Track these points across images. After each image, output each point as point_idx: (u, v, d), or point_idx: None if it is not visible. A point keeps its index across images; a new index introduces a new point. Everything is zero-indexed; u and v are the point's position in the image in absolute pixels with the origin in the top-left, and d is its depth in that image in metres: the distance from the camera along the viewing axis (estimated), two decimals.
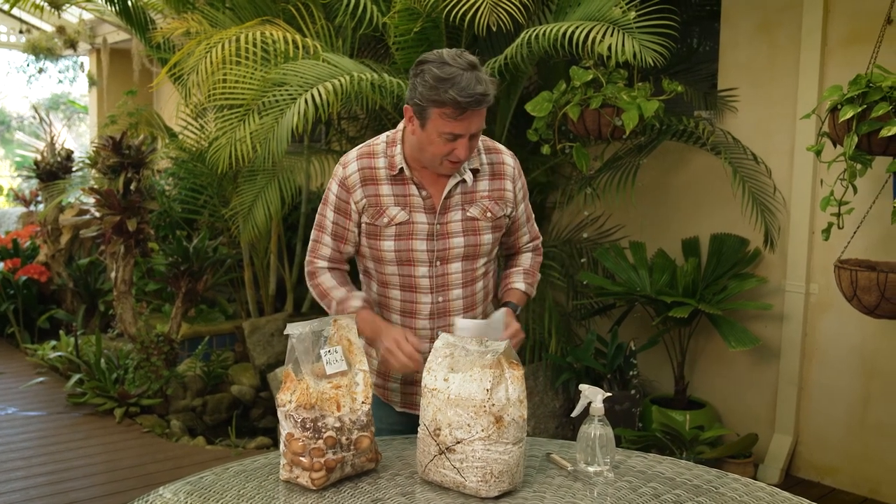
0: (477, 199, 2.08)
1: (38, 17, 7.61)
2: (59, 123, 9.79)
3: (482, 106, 1.88)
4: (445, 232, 2.06)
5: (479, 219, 2.08)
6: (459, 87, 1.84)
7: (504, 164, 2.13)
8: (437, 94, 1.86)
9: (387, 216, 2.04)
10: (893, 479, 3.86)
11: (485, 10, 3.38)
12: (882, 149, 3.06)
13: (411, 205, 2.04)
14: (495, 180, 2.11)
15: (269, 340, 5.53)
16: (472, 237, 2.08)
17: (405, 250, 2.05)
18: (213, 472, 1.81)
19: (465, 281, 2.11)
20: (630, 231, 4.68)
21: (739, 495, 1.74)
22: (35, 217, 7.53)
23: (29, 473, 4.05)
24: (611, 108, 3.65)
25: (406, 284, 2.09)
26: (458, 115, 1.87)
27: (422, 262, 2.06)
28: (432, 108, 1.89)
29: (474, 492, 1.69)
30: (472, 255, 2.10)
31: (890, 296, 3.14)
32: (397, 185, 2.05)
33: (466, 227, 2.07)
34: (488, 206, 2.08)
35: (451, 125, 1.89)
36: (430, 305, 2.10)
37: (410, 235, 2.05)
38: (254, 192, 4.67)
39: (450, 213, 2.06)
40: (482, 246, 2.10)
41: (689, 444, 3.91)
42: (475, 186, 2.08)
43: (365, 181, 2.04)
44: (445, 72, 1.86)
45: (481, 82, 1.87)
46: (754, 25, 4.21)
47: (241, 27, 3.94)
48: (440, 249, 2.06)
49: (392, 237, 2.05)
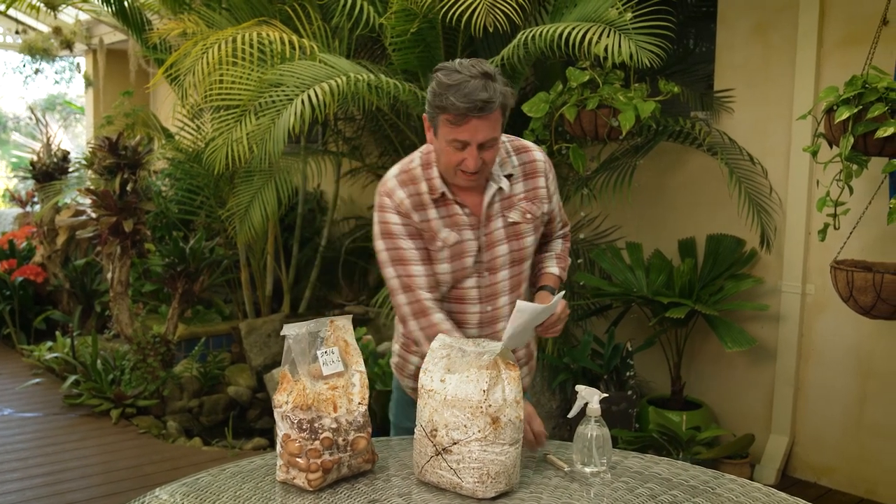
0: (515, 202, 2.06)
1: (35, 17, 7.60)
2: (56, 124, 9.77)
3: (484, 113, 1.84)
4: (490, 242, 2.05)
5: (519, 222, 2.06)
6: (461, 92, 1.82)
7: (535, 161, 2.11)
8: (440, 100, 1.85)
9: (440, 240, 2.02)
10: (890, 480, 3.86)
11: (481, 10, 3.38)
12: (878, 149, 3.06)
13: (458, 224, 2.03)
14: (528, 180, 2.09)
15: (265, 341, 5.53)
16: (516, 242, 2.07)
17: (459, 269, 2.05)
18: (210, 473, 1.81)
19: (511, 287, 2.11)
20: (627, 232, 4.68)
21: (736, 496, 1.74)
22: (31, 218, 7.52)
23: (25, 475, 4.05)
24: (607, 109, 3.65)
25: (455, 297, 2.09)
26: (459, 121, 1.85)
27: (470, 275, 2.06)
28: (439, 115, 1.89)
29: (471, 493, 1.69)
30: (518, 259, 2.09)
31: (886, 296, 3.14)
32: (442, 208, 2.02)
33: (509, 233, 2.06)
34: (526, 207, 2.07)
35: (454, 131, 1.87)
36: (478, 315, 2.10)
37: (462, 255, 2.04)
38: (250, 193, 4.67)
39: (492, 222, 2.05)
40: (525, 249, 2.10)
41: (685, 444, 3.91)
42: (512, 190, 2.06)
43: (416, 207, 2.01)
44: (452, 78, 1.85)
45: (488, 90, 1.83)
46: (751, 26, 4.22)
47: (237, 28, 3.94)
48: (488, 261, 2.06)
49: (447, 259, 2.03)
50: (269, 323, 5.60)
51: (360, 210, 6.45)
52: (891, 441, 3.85)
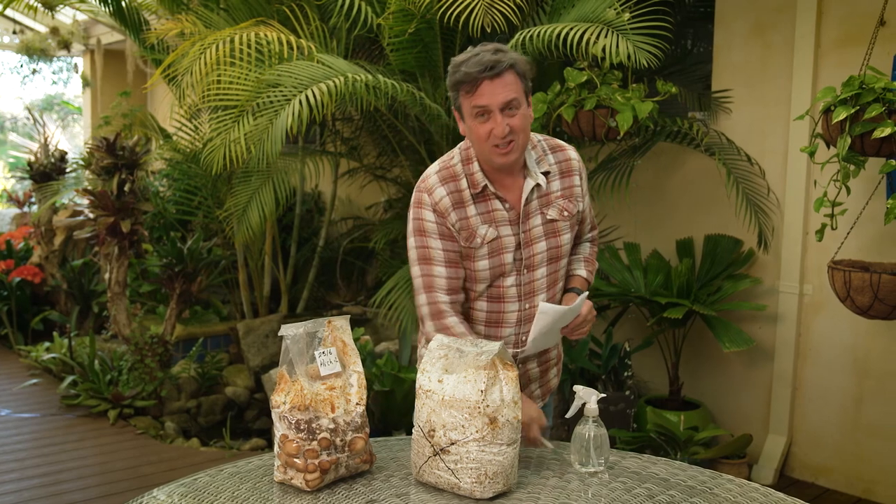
0: (552, 200, 2.08)
1: (32, 17, 7.59)
2: (53, 124, 9.78)
3: (495, 72, 1.89)
4: (529, 239, 2.06)
5: (557, 220, 2.08)
6: (471, 62, 1.90)
7: (570, 160, 2.13)
8: (455, 76, 1.93)
9: (479, 237, 2.03)
10: (887, 479, 3.87)
11: (479, 11, 3.39)
12: (875, 150, 3.07)
13: (496, 220, 2.04)
14: (565, 178, 2.11)
15: (263, 342, 5.52)
16: (554, 239, 2.09)
17: (498, 266, 2.05)
18: (208, 473, 1.81)
19: (549, 284, 2.12)
20: (624, 232, 4.68)
21: (734, 496, 1.74)
22: (29, 218, 7.52)
23: (22, 475, 4.04)
24: (605, 110, 3.65)
25: (494, 296, 2.09)
26: (474, 87, 1.90)
27: (510, 273, 2.07)
28: (459, 94, 1.95)
29: (469, 493, 1.69)
30: (555, 257, 2.11)
31: (883, 296, 3.15)
32: (481, 203, 2.03)
33: (547, 231, 2.08)
34: (563, 205, 2.09)
35: (472, 99, 1.92)
36: (517, 313, 2.10)
37: (501, 251, 2.05)
38: (248, 194, 4.67)
39: (531, 219, 2.06)
40: (563, 247, 2.11)
41: (683, 444, 3.91)
42: (549, 188, 2.08)
43: (455, 205, 2.02)
44: (463, 56, 1.94)
45: (496, 54, 1.90)
46: (748, 27, 4.22)
47: (235, 28, 3.94)
48: (527, 258, 2.07)
49: (486, 256, 2.04)
50: (266, 323, 5.60)
51: (359, 210, 6.45)
52: (888, 441, 3.85)
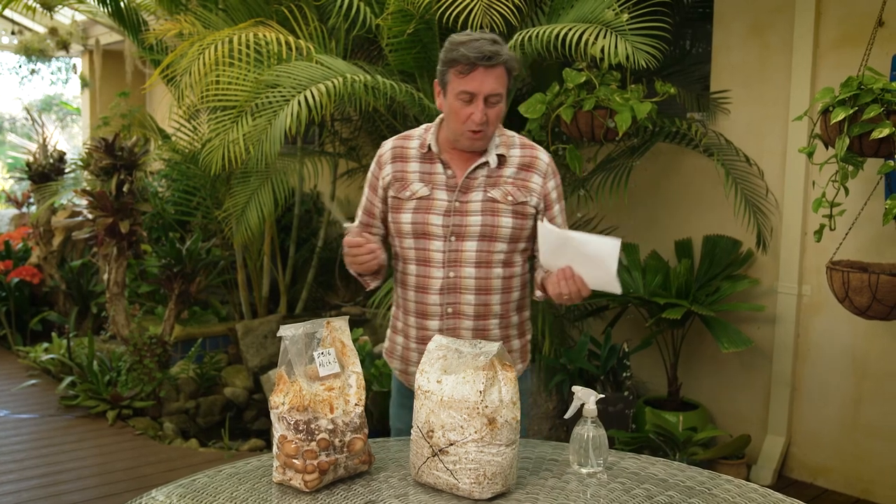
0: (500, 183, 2.15)
1: (31, 18, 7.58)
2: (52, 125, 9.76)
3: (492, 63, 1.99)
4: (464, 210, 2.13)
5: (499, 201, 2.13)
6: (471, 46, 1.99)
7: (536, 159, 2.20)
8: (452, 54, 2.02)
9: (409, 190, 2.16)
10: (886, 480, 3.87)
11: (478, 11, 3.39)
12: (873, 150, 3.07)
13: (434, 182, 2.16)
14: (523, 171, 2.17)
15: (262, 342, 5.52)
16: (491, 217, 2.13)
17: (421, 223, 2.15)
18: (206, 474, 1.81)
19: (479, 261, 2.15)
20: (623, 233, 4.68)
21: (732, 496, 1.74)
22: (27, 219, 7.51)
23: (21, 476, 4.04)
24: (604, 110, 3.65)
25: (421, 259, 2.17)
26: (468, 71, 2.00)
27: (436, 236, 2.14)
28: (449, 70, 2.04)
29: (467, 494, 1.69)
30: (490, 235, 2.14)
31: (881, 297, 3.15)
32: (425, 164, 2.18)
33: (485, 208, 2.13)
34: (510, 190, 2.14)
35: (463, 82, 2.01)
36: (441, 280, 2.16)
37: (428, 210, 2.14)
38: (247, 194, 4.66)
39: (471, 192, 2.14)
40: (500, 228, 2.14)
41: (682, 445, 3.91)
42: (501, 171, 2.15)
43: (395, 158, 2.20)
44: (462, 37, 2.04)
45: (494, 46, 2.00)
46: (747, 27, 4.22)
47: (233, 29, 3.94)
48: (456, 225, 2.13)
49: (411, 210, 2.16)
50: (265, 324, 5.60)
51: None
52: (886, 441, 3.85)
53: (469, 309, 2.16)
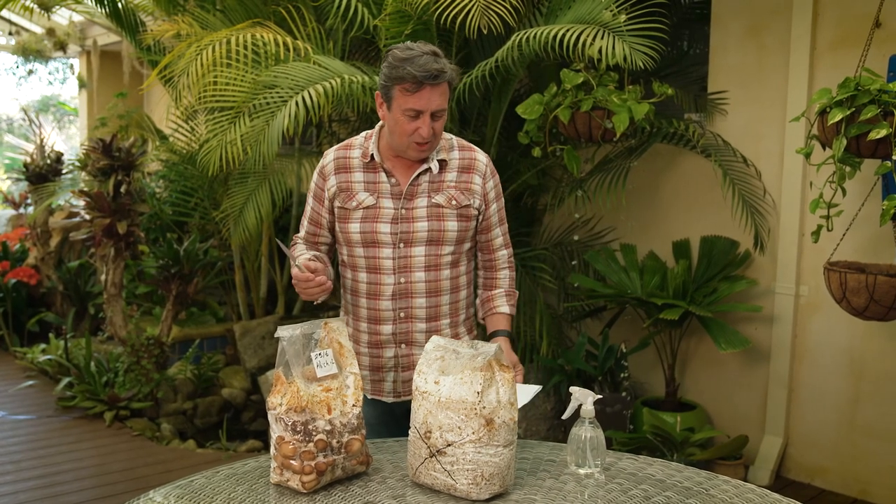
0: (443, 188, 2.20)
1: (28, 18, 7.57)
2: (49, 126, 9.76)
3: (438, 81, 2.03)
4: (410, 217, 2.17)
5: (444, 206, 2.18)
6: (417, 63, 2.01)
7: (475, 160, 2.25)
8: (397, 71, 2.03)
9: (355, 200, 2.19)
10: (883, 480, 3.88)
11: (476, 12, 3.39)
12: (870, 151, 3.07)
13: (379, 191, 2.19)
14: (463, 173, 2.22)
15: (259, 343, 5.52)
16: (437, 222, 2.18)
17: (370, 232, 2.18)
18: (204, 475, 1.81)
19: (427, 265, 2.20)
20: (621, 233, 4.69)
21: (730, 497, 1.74)
22: (24, 220, 7.50)
23: (18, 477, 4.03)
24: (601, 111, 3.66)
25: (371, 266, 2.20)
26: (416, 89, 2.02)
27: (385, 244, 2.18)
28: (394, 87, 2.06)
29: (465, 494, 1.69)
30: (437, 240, 2.19)
31: (879, 298, 3.15)
32: (368, 173, 2.20)
33: (431, 213, 2.18)
34: (454, 194, 2.20)
35: (411, 100, 2.04)
36: (392, 286, 2.19)
37: (376, 219, 2.18)
38: (244, 195, 4.66)
39: (416, 199, 2.18)
40: (447, 232, 2.19)
41: (679, 445, 3.92)
42: (443, 177, 2.20)
43: (338, 169, 2.22)
44: (406, 53, 2.05)
45: (438, 63, 2.04)
46: (744, 29, 4.23)
47: (231, 29, 3.94)
48: (404, 232, 2.17)
49: (359, 220, 2.19)
50: (263, 325, 5.59)
51: None
52: (884, 442, 3.86)
53: (421, 312, 2.22)
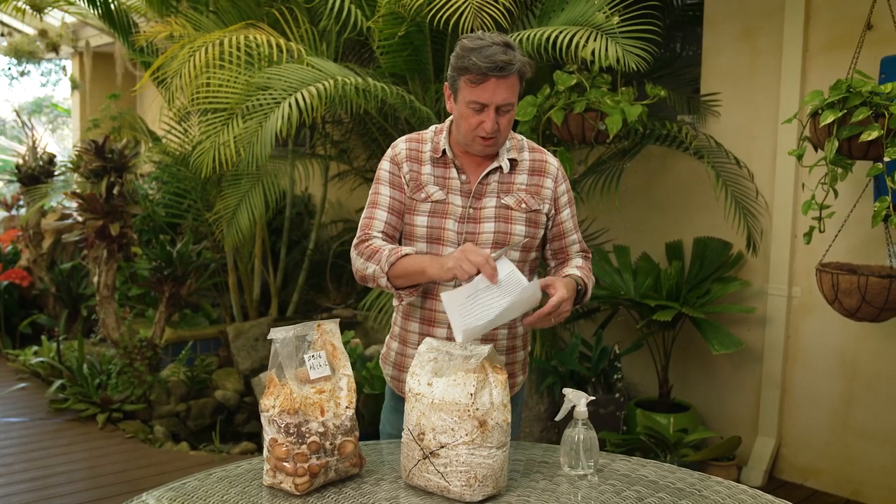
0: (514, 189, 2.11)
1: (20, 20, 7.55)
2: (42, 127, 9.74)
3: (504, 73, 1.93)
4: (478, 217, 2.08)
5: (513, 208, 2.09)
6: (483, 54, 1.92)
7: (546, 163, 2.16)
8: (463, 61, 1.95)
9: (424, 192, 2.10)
10: (875, 481, 3.89)
11: (469, 14, 3.39)
12: (862, 153, 3.08)
13: (449, 186, 2.10)
14: (535, 176, 2.14)
15: (253, 345, 5.51)
16: (504, 224, 2.09)
17: (437, 228, 2.09)
18: (197, 477, 1.80)
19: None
20: (614, 235, 4.69)
21: (723, 498, 1.75)
22: (17, 221, 7.47)
23: (10, 480, 4.02)
24: (594, 113, 3.66)
25: None
26: (480, 80, 1.94)
27: (451, 242, 2.08)
28: (460, 78, 1.98)
29: (458, 496, 1.69)
30: (503, 242, 2.08)
31: (871, 299, 3.16)
32: (438, 167, 2.12)
33: (499, 214, 2.09)
34: (524, 197, 2.11)
35: (475, 92, 1.95)
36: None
37: (444, 214, 2.09)
38: (238, 197, 4.66)
39: (484, 198, 2.09)
40: (513, 236, 2.09)
41: (672, 447, 3.92)
42: (513, 178, 2.11)
43: (410, 158, 2.13)
44: (475, 43, 1.95)
45: (507, 54, 1.93)
46: (737, 31, 4.24)
47: (224, 31, 3.93)
48: (469, 232, 2.08)
49: (426, 213, 2.09)
50: (256, 326, 5.58)
51: (349, 213, 6.44)
52: (876, 442, 3.87)
53: None
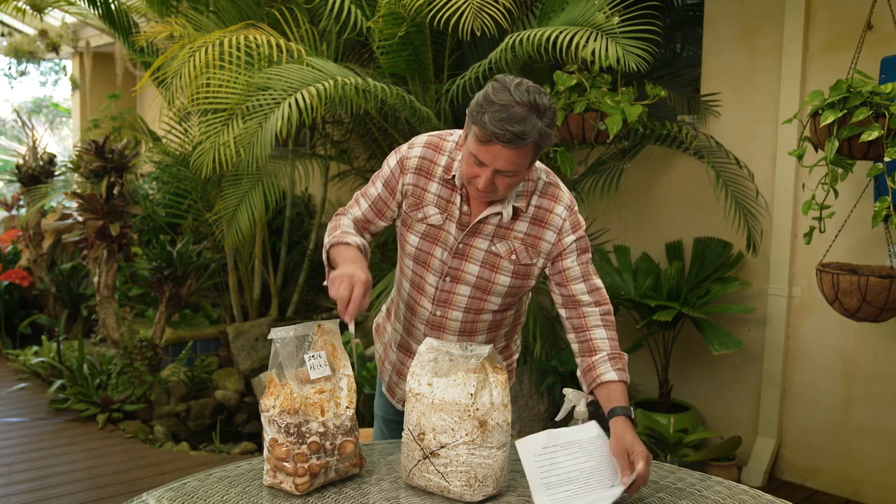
0: (510, 236, 1.95)
1: (20, 20, 7.56)
2: (42, 127, 9.74)
3: (512, 145, 1.73)
4: (466, 254, 1.97)
5: (501, 256, 1.95)
6: (498, 115, 1.72)
7: (552, 214, 1.95)
8: (479, 110, 1.76)
9: (423, 213, 1.98)
10: (875, 481, 3.89)
11: (469, 14, 3.39)
12: (862, 153, 3.08)
13: (449, 212, 1.96)
14: (535, 226, 1.95)
15: (253, 345, 5.51)
16: (488, 272, 1.97)
17: (425, 252, 2.00)
18: (197, 477, 1.80)
19: (468, 307, 2.02)
20: (614, 235, 4.70)
21: (723, 498, 1.74)
22: (17, 221, 7.47)
23: (10, 480, 4.02)
24: (594, 113, 3.66)
25: (415, 284, 2.05)
26: (486, 141, 1.75)
27: (435, 271, 2.00)
28: (472, 125, 1.80)
29: (458, 496, 1.69)
30: (483, 288, 1.99)
31: (871, 299, 3.16)
32: (445, 188, 1.96)
33: (486, 260, 1.96)
34: (517, 248, 1.95)
35: (477, 148, 1.78)
36: (428, 313, 2.05)
37: (436, 240, 1.98)
38: (238, 197, 4.66)
39: (478, 238, 1.95)
40: (495, 285, 1.98)
41: (672, 447, 3.92)
42: (513, 224, 1.95)
43: (419, 170, 1.98)
44: (498, 97, 1.74)
45: (525, 124, 1.72)
46: (737, 31, 4.24)
47: (224, 31, 3.93)
48: (453, 268, 1.98)
49: (419, 234, 1.99)
50: (256, 327, 5.58)
51: None
52: (876, 442, 3.87)
53: (453, 337, 2.06)
